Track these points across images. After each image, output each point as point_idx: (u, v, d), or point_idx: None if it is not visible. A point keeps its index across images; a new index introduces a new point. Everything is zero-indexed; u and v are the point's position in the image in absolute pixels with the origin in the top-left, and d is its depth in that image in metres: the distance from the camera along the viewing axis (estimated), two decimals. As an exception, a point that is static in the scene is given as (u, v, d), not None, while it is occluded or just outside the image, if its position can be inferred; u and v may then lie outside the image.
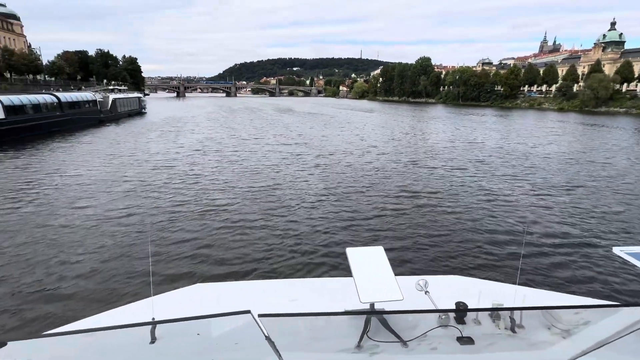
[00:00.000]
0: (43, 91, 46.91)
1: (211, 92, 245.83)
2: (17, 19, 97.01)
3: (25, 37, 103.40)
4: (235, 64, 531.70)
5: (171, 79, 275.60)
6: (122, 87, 69.70)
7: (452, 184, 16.86)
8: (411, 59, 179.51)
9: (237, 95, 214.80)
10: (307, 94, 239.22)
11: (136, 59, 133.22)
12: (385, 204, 13.65)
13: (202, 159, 22.82)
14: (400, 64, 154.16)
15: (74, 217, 12.01)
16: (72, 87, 71.76)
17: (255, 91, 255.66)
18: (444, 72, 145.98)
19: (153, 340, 1.61)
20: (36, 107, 35.98)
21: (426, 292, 2.37)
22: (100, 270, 8.47)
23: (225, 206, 13.21)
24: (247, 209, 12.89)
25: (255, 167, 20.09)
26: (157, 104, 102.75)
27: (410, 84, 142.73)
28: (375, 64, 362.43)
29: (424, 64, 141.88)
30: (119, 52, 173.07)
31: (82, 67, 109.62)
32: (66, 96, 42.44)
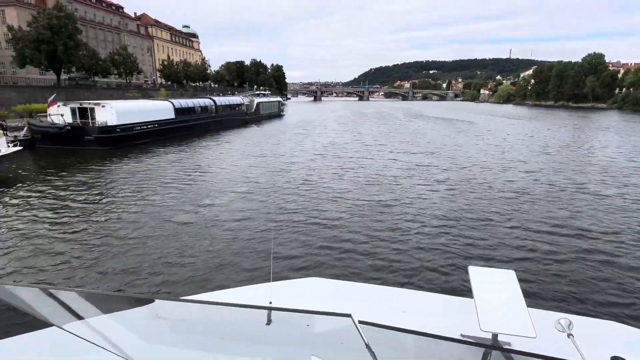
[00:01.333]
0: (206, 96, 55.18)
1: (345, 96, 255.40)
2: (196, 37, 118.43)
3: (200, 51, 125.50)
4: (371, 69, 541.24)
5: (310, 84, 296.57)
6: (266, 92, 77.43)
7: None
8: (574, 57, 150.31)
9: (370, 99, 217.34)
10: (442, 97, 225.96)
11: (281, 66, 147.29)
12: (531, 241, 10.52)
13: (321, 163, 22.66)
14: (560, 62, 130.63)
15: (205, 208, 13.20)
16: (229, 92, 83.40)
17: (388, 95, 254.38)
18: (622, 71, 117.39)
19: (269, 322, 1.73)
20: (198, 109, 42.42)
21: (569, 334, 1.86)
22: (227, 255, 9.62)
23: (335, 220, 12.22)
24: (355, 225, 11.64)
25: (374, 177, 18.73)
26: (295, 107, 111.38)
27: (572, 86, 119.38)
28: (526, 63, 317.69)
29: (594, 62, 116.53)
30: (268, 61, 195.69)
31: (239, 74, 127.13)
32: (221, 100, 49.05)
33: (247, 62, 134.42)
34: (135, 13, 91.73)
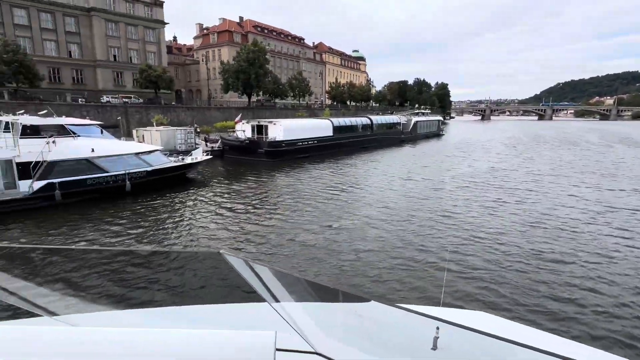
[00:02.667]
0: (363, 115, 57.28)
1: (521, 114, 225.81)
2: (363, 59, 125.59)
3: (366, 72, 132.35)
4: (558, 83, 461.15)
5: (480, 102, 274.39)
6: (426, 111, 75.03)
7: None
8: None
9: (554, 118, 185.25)
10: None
11: (446, 84, 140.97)
12: None
13: (473, 192, 19.91)
14: None
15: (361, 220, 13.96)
16: (389, 112, 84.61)
17: (580, 114, 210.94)
18: None
19: (435, 347, 1.64)
20: (354, 127, 44.30)
21: None
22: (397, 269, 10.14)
23: (475, 270, 10.24)
24: (503, 283, 9.43)
25: (540, 217, 15.19)
26: (458, 127, 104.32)
27: None
28: None
29: None
30: (434, 79, 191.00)
31: (401, 94, 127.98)
32: (377, 119, 50.00)
33: (411, 82, 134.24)
34: (313, 42, 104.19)
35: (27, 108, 35.89)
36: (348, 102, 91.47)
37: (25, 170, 16.23)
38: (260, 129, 34.89)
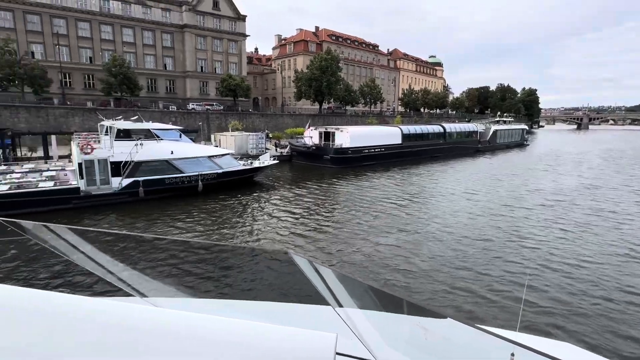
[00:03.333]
0: (436, 122, 54.72)
1: (629, 124, 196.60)
2: (440, 65, 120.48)
3: (443, 79, 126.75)
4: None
5: (576, 109, 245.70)
6: (508, 119, 68.99)
7: None
8: None
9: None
10: None
11: (535, 90, 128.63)
12: None
13: (553, 212, 17.62)
14: None
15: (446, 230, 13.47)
16: (466, 119, 79.73)
17: None
18: None
19: None
20: (425, 135, 42.48)
21: None
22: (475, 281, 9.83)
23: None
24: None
25: (637, 246, 12.86)
26: (548, 137, 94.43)
27: None
28: None
29: None
30: (519, 85, 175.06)
31: (482, 100, 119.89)
32: (450, 127, 47.32)
33: (493, 87, 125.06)
34: (388, 49, 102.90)
35: (127, 114, 41.10)
36: (422, 109, 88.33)
37: (117, 168, 18.43)
38: (327, 136, 35.27)
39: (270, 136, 45.45)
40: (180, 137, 21.12)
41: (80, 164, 17.43)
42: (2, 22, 45.97)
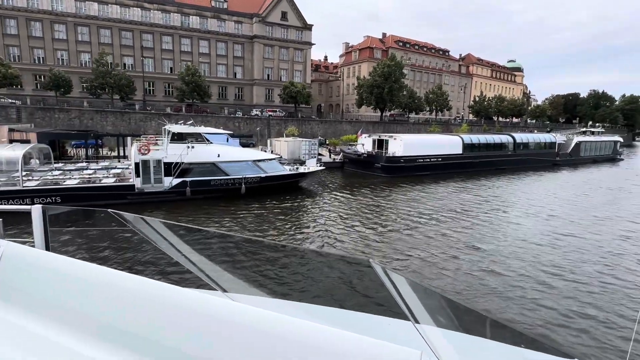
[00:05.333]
0: (505, 132, 50.22)
1: None
2: (520, 70, 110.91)
3: (524, 85, 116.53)
4: None
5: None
6: (596, 130, 60.75)
7: None
8: None
9: None
10: None
11: (638, 97, 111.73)
12: None
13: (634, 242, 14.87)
14: None
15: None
16: (547, 129, 72.15)
17: None
18: None
19: None
20: (490, 145, 39.19)
21: None
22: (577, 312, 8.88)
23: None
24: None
25: None
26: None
27: None
28: None
29: None
30: (620, 92, 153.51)
31: (569, 109, 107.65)
32: (521, 137, 43.08)
33: (584, 94, 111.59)
34: (460, 55, 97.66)
35: (196, 119, 44.50)
36: (495, 118, 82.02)
37: (170, 169, 19.90)
38: (380, 143, 34.36)
39: (328, 143, 45.76)
40: (227, 140, 22.12)
41: (137, 164, 19.15)
42: (102, 38, 53.13)
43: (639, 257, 12.68)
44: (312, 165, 25.84)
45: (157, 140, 21.43)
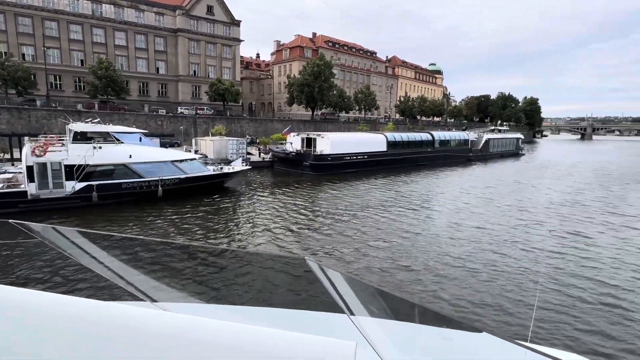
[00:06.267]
0: (422, 130, 53.86)
1: (635, 134, 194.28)
2: (440, 73, 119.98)
3: (444, 87, 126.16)
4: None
5: (582, 119, 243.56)
6: (503, 128, 68.07)
7: None
8: None
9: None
10: None
11: (537, 99, 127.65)
12: None
13: (527, 235, 16.80)
14: None
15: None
16: (463, 128, 78.87)
17: None
18: None
19: None
20: (411, 143, 41.72)
21: None
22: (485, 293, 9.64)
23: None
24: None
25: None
26: (546, 146, 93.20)
27: None
28: None
29: None
30: (528, 94, 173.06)
31: (482, 109, 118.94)
32: (439, 134, 46.57)
33: (494, 96, 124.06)
34: (386, 57, 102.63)
35: (112, 117, 40.87)
36: (419, 117, 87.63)
37: (72, 172, 17.91)
38: (309, 142, 34.68)
39: (258, 141, 45.04)
40: (140, 140, 20.60)
41: (29, 167, 16.93)
42: (-7, 24, 46.24)
43: (534, 243, 14.32)
44: (237, 165, 25.14)
45: (61, 140, 19.22)
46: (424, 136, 44.07)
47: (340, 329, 1.82)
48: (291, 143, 34.49)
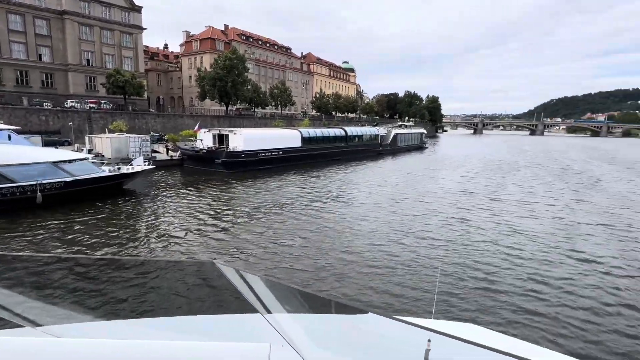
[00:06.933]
0: (337, 126, 55.61)
1: (515, 129, 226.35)
2: (353, 71, 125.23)
3: (357, 84, 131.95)
4: (552, 99, 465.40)
5: (474, 116, 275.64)
6: (409, 124, 73.93)
7: None
8: None
9: (545, 133, 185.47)
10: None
11: (437, 97, 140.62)
12: None
13: (413, 218, 18.36)
14: None
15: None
16: (375, 124, 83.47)
17: (572, 129, 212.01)
18: None
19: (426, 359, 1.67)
20: (326, 138, 42.83)
21: None
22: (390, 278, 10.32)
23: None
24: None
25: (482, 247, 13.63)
26: (446, 140, 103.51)
27: None
28: None
29: None
30: (429, 92, 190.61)
31: (391, 106, 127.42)
32: (352, 130, 48.66)
33: (402, 94, 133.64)
34: (302, 53, 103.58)
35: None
36: (334, 113, 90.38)
37: None
38: (221, 138, 33.37)
39: (166, 138, 41.91)
40: (10, 138, 17.59)
41: None
42: None
43: (433, 229, 15.64)
44: (138, 165, 22.99)
45: None
46: (337, 132, 45.54)
47: (255, 330, 1.80)
48: (201, 140, 32.76)
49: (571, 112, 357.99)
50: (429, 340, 1.61)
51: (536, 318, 8.36)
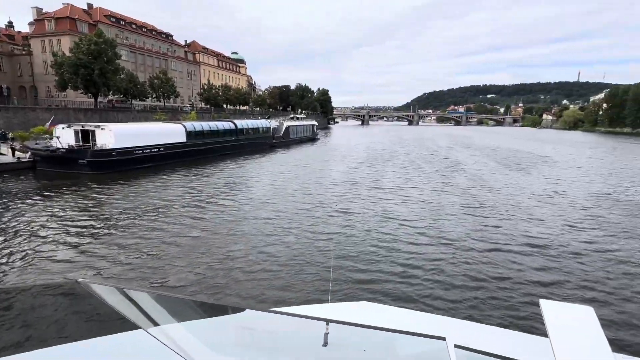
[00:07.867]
0: (226, 119, 53.75)
1: (396, 120, 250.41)
2: (243, 62, 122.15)
3: (248, 76, 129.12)
4: (424, 93, 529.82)
5: (362, 108, 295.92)
6: (300, 116, 75.54)
7: None
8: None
9: (420, 123, 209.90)
10: (499, 123, 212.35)
11: (327, 90, 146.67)
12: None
13: (293, 204, 18.76)
14: (638, 84, 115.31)
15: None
16: (268, 116, 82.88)
17: (440, 120, 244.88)
18: None
19: (325, 343, 1.68)
20: (214, 132, 40.74)
21: None
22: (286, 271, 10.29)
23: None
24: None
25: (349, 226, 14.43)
26: (337, 131, 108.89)
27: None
28: (598, 87, 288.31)
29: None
30: (320, 86, 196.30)
31: (284, 98, 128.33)
32: (242, 123, 47.36)
33: (294, 87, 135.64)
34: (185, 41, 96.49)
35: None
36: (224, 106, 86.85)
37: None
38: (86, 135, 28.88)
39: (11, 137, 34.56)
40: None
41: None
42: None
43: (322, 219, 15.92)
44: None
45: None
46: (226, 125, 43.72)
47: (137, 347, 1.66)
48: (58, 137, 27.78)
49: (439, 104, 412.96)
50: (327, 323, 1.63)
51: (410, 289, 9.34)
